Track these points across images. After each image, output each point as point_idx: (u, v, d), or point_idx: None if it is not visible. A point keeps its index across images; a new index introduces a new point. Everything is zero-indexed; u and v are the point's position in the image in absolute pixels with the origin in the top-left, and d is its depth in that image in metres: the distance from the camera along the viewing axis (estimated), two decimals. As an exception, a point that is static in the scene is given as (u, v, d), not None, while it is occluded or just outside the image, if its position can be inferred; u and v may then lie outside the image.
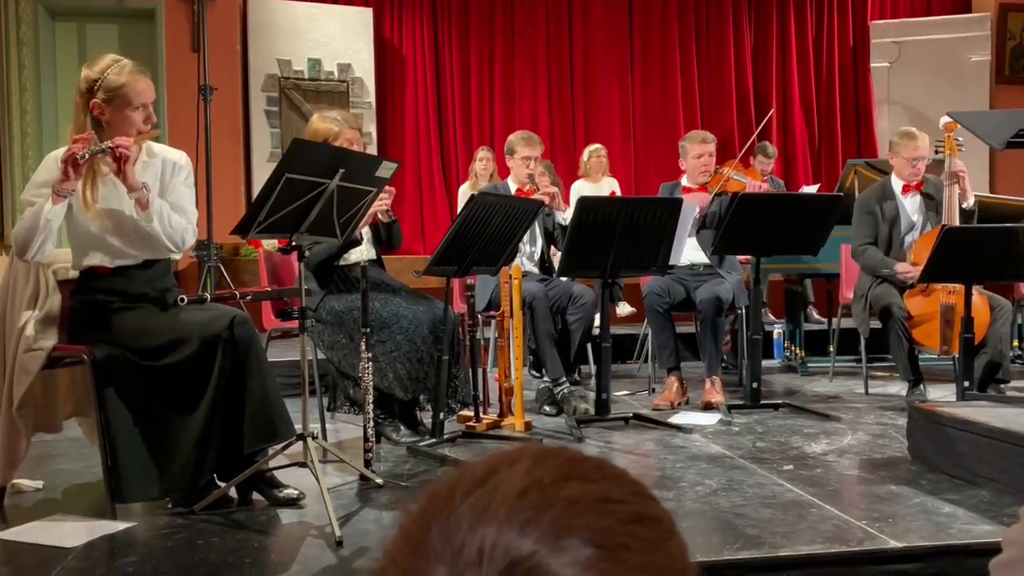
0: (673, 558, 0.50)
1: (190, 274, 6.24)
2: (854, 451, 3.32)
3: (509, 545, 0.45)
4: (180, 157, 2.80)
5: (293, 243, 2.66)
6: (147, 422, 2.57)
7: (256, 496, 2.70)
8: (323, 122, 3.43)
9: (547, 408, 4.09)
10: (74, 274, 2.78)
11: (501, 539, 0.46)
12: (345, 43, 7.49)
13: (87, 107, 2.57)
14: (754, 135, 5.82)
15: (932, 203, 4.37)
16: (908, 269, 4.16)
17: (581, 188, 6.45)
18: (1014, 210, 5.16)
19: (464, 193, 6.61)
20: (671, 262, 3.92)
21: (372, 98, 7.58)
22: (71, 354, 2.67)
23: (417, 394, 3.41)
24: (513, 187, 4.39)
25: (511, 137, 4.50)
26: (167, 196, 2.69)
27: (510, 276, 3.78)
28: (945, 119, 4.28)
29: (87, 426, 3.10)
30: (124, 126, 2.58)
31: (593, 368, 4.88)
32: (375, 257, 3.67)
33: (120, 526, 2.48)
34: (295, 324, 2.76)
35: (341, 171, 2.57)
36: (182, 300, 2.55)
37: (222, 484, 2.64)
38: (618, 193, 6.54)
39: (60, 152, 2.58)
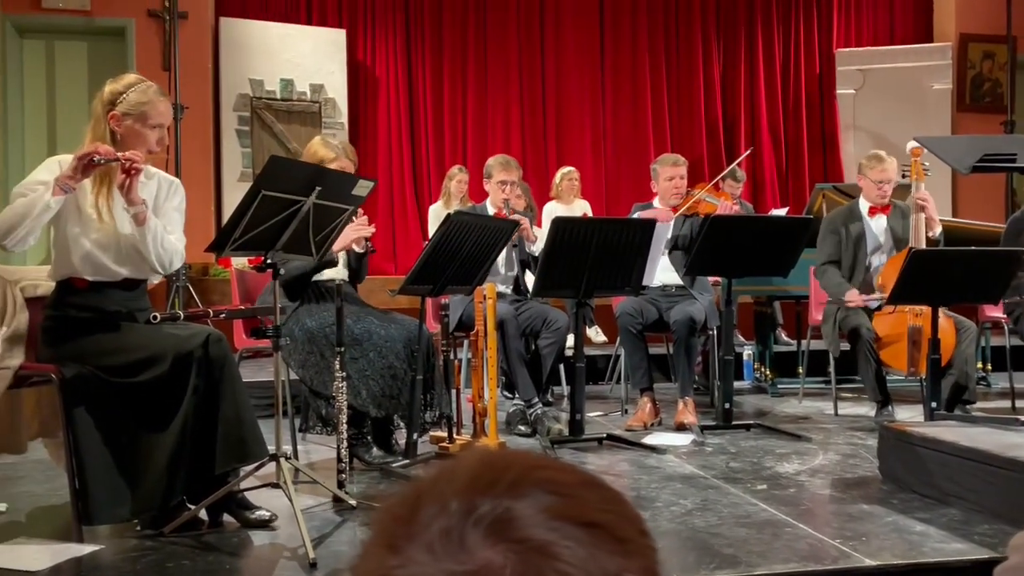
0: (630, 516, 0.52)
1: (159, 294, 6.16)
2: (826, 471, 3.34)
3: (475, 505, 0.48)
4: (176, 183, 2.83)
5: (268, 261, 2.64)
6: (118, 441, 2.52)
7: (227, 518, 2.66)
8: (323, 147, 3.48)
9: (520, 428, 4.08)
10: (43, 291, 2.73)
11: (466, 503, 0.49)
12: (318, 64, 7.49)
13: (106, 118, 2.61)
14: (731, 167, 5.89)
15: (895, 233, 4.44)
16: (855, 299, 4.23)
17: (553, 210, 6.47)
18: (977, 234, 5.27)
19: (435, 212, 6.60)
20: (644, 283, 3.94)
21: (345, 118, 7.58)
22: (39, 373, 2.62)
23: (391, 412, 3.38)
24: (491, 210, 4.41)
25: (490, 160, 4.53)
26: (159, 218, 2.68)
27: (484, 296, 3.78)
28: (912, 144, 4.36)
29: (52, 447, 3.03)
30: (137, 143, 2.62)
31: (565, 389, 4.88)
32: (347, 280, 3.66)
33: (87, 549, 2.43)
34: (267, 343, 2.73)
35: (317, 189, 2.57)
36: (155, 318, 2.52)
37: (192, 506, 2.59)
38: (590, 215, 6.58)
39: (62, 157, 2.58)
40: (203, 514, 2.63)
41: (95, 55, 7.04)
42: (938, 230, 4.34)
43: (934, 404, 3.79)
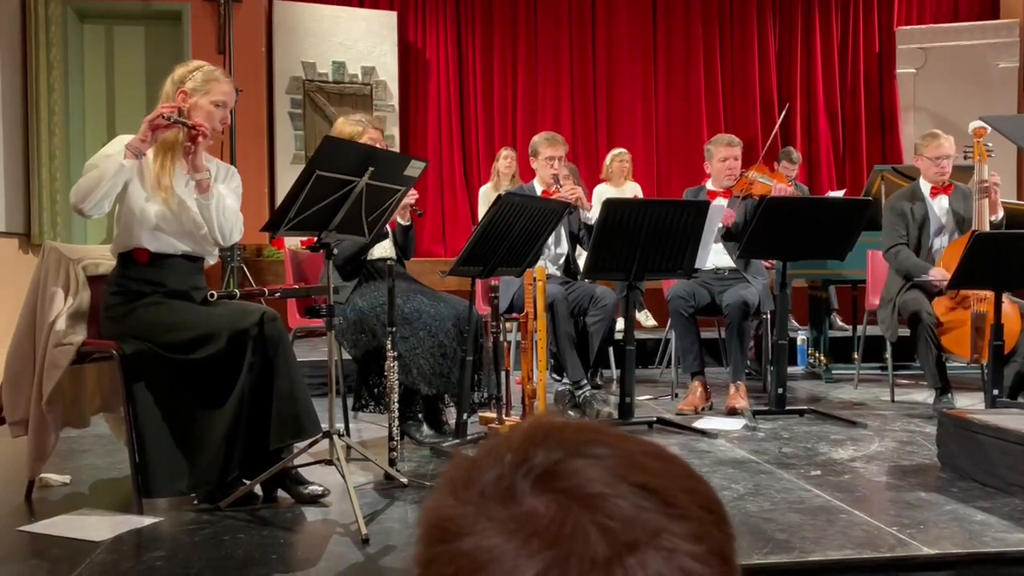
0: (694, 491, 0.50)
1: (213, 274, 6.27)
2: (882, 458, 3.28)
3: (527, 457, 0.50)
4: (232, 169, 2.92)
5: (321, 240, 2.66)
6: (175, 417, 2.58)
7: (281, 493, 2.70)
8: (347, 124, 3.50)
9: (569, 412, 4.07)
10: (104, 270, 2.79)
11: (520, 455, 0.50)
12: (369, 46, 7.52)
13: (176, 95, 2.71)
14: (774, 130, 5.77)
15: (958, 215, 4.31)
16: (944, 275, 4.10)
17: (604, 192, 6.43)
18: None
19: (485, 194, 6.59)
20: (696, 265, 3.89)
21: (395, 101, 7.61)
22: (100, 349, 2.68)
23: (441, 389, 3.40)
24: (539, 189, 4.38)
25: (534, 139, 4.49)
26: None
27: (534, 278, 3.77)
28: (974, 124, 4.23)
29: (114, 422, 3.12)
30: (203, 118, 2.70)
31: (615, 373, 4.85)
32: (395, 258, 3.68)
33: (146, 521, 2.49)
34: (321, 322, 2.76)
35: (371, 169, 2.58)
36: (212, 296, 2.56)
37: (247, 481, 2.64)
38: (641, 197, 6.51)
39: (130, 137, 2.65)
40: (258, 489, 2.68)
41: (152, 39, 7.16)
42: (1000, 214, 4.21)
43: (996, 391, 3.69)
